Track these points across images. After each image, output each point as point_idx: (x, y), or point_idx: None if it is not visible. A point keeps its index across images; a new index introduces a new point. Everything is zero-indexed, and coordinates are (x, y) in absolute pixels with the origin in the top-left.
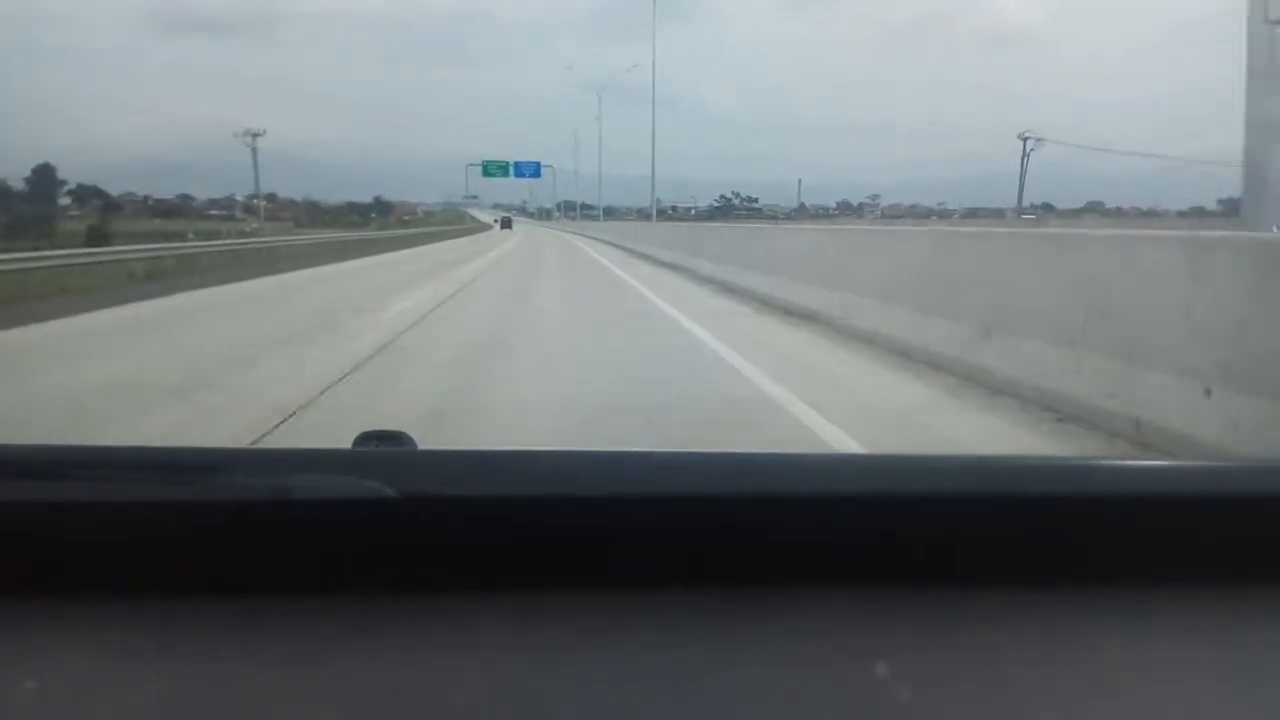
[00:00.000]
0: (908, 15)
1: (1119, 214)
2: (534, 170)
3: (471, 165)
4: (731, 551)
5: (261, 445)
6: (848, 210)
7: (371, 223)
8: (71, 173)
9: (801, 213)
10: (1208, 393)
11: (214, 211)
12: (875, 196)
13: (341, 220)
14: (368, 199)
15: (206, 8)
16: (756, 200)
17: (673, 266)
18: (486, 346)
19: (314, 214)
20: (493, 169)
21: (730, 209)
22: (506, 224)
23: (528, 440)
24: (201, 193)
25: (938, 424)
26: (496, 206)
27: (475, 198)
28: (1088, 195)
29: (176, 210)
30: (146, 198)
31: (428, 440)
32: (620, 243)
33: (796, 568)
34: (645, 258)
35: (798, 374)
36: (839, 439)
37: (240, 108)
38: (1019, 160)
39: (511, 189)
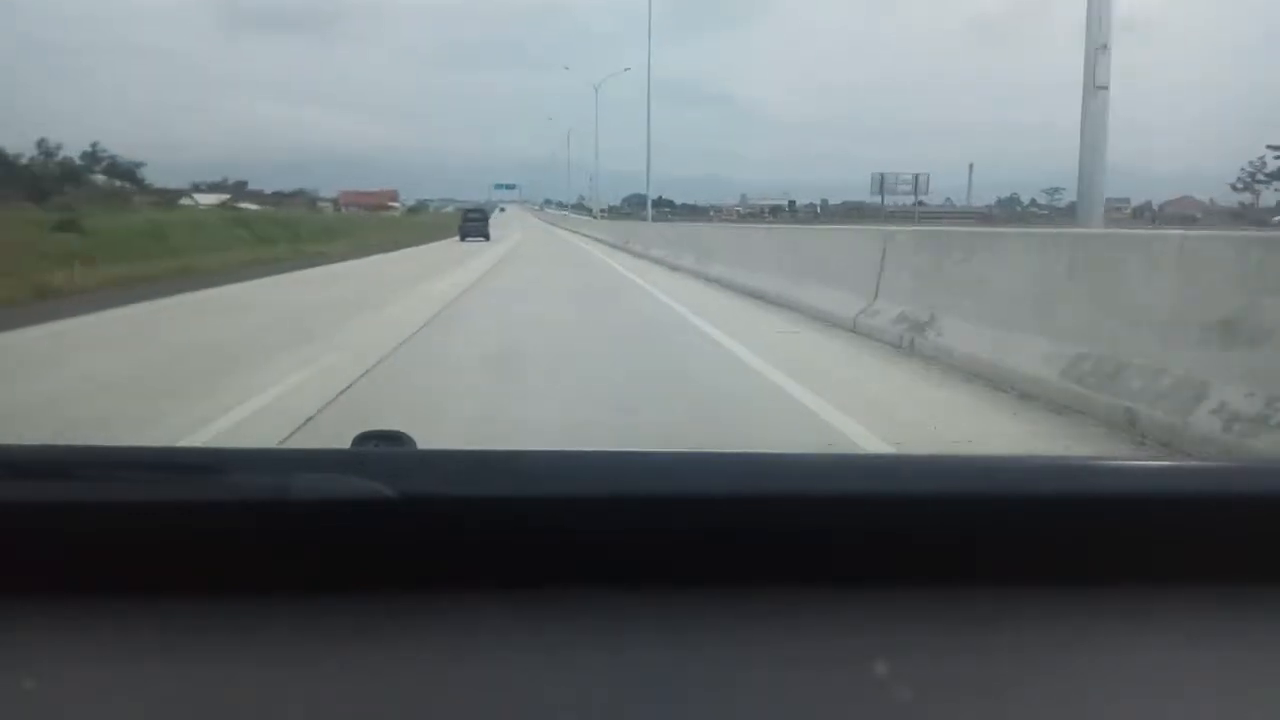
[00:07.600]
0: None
1: None
2: None
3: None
4: (732, 551)
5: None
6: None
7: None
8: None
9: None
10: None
11: None
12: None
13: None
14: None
15: (264, 5)
16: None
17: None
18: None
19: None
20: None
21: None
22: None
23: None
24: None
25: None
26: (547, 203)
27: (512, 187)
28: None
29: None
30: None
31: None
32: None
33: (797, 568)
34: None
35: None
36: None
37: (303, 108)
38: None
39: (565, 185)
